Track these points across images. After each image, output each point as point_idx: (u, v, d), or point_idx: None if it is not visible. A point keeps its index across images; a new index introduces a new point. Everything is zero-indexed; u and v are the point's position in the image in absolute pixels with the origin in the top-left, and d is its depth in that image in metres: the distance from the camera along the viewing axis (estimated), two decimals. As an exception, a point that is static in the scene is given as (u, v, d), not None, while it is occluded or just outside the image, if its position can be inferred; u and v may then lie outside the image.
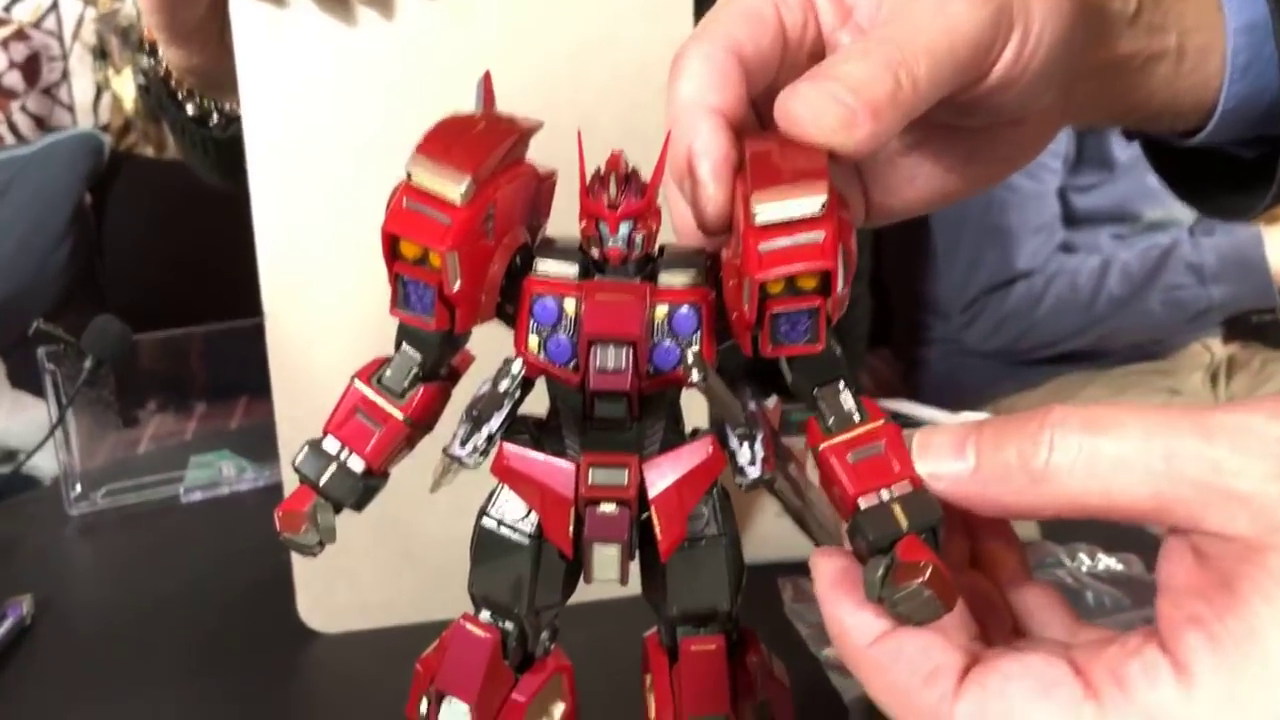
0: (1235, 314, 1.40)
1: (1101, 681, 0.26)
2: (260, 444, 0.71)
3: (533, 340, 0.31)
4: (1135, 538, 0.59)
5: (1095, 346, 1.38)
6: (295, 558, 0.58)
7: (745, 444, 0.32)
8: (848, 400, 0.31)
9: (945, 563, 0.28)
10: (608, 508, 0.31)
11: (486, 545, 0.33)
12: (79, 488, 0.78)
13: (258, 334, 0.57)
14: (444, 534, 0.42)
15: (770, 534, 0.58)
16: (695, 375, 0.29)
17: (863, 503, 0.30)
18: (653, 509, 0.31)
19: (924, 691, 0.28)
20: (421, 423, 0.32)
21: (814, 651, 0.53)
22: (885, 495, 0.30)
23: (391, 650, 0.49)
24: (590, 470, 0.31)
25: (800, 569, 0.36)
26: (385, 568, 0.59)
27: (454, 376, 0.33)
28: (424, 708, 0.34)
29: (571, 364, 0.31)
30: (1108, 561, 0.60)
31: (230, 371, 0.90)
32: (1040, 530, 0.63)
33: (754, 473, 0.32)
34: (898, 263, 1.49)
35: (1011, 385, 1.41)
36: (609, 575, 0.31)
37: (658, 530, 0.31)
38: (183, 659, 0.58)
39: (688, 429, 0.34)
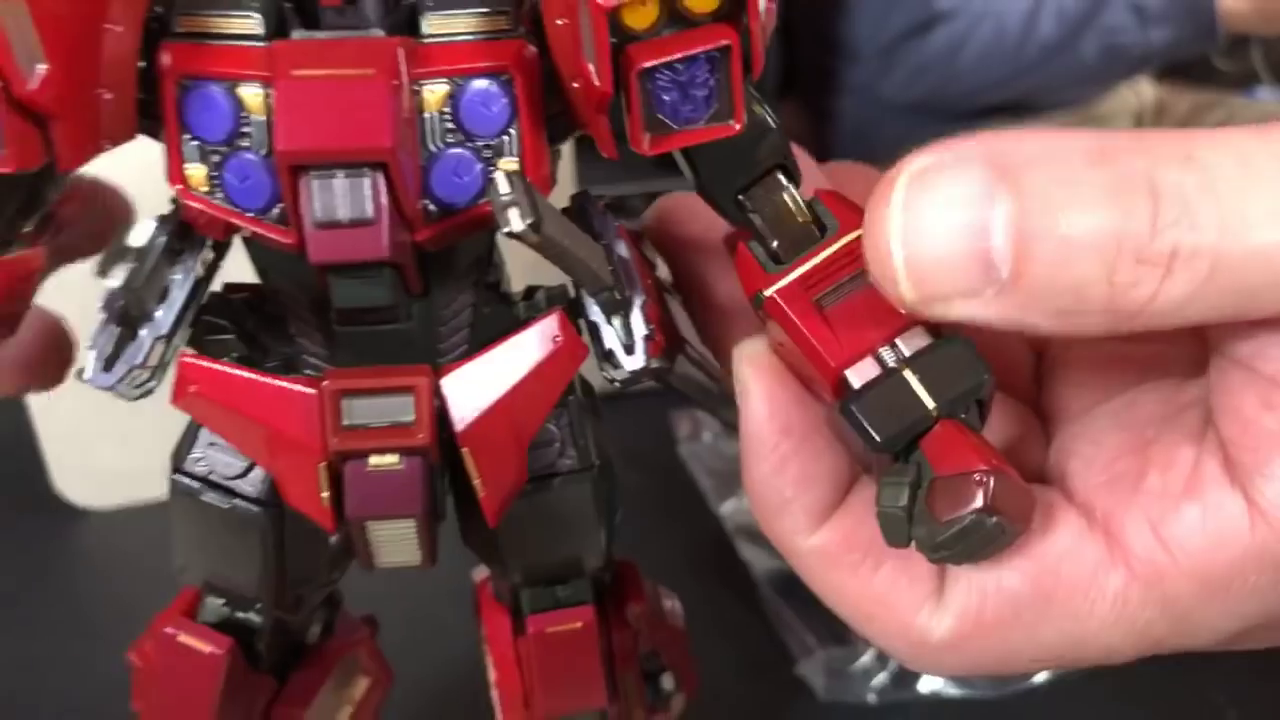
0: (1171, 63, 1.28)
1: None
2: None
3: (194, 170, 0.16)
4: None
5: (1021, 100, 1.25)
6: (38, 415, 0.44)
7: (614, 317, 0.19)
8: (797, 202, 0.19)
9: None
10: (384, 462, 0.17)
11: (191, 515, 0.20)
12: None
13: None
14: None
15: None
16: (515, 218, 0.16)
17: (853, 376, 0.18)
18: (464, 452, 0.18)
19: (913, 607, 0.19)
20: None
21: (714, 508, 0.41)
22: (889, 357, 0.18)
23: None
24: (345, 402, 0.17)
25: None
26: (162, 425, 0.44)
27: (50, 229, 0.19)
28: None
29: (276, 210, 0.16)
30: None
31: None
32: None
33: (632, 363, 0.19)
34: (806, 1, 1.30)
35: (928, 139, 1.28)
36: (400, 559, 0.19)
37: (476, 486, 0.18)
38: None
39: (515, 290, 0.21)
